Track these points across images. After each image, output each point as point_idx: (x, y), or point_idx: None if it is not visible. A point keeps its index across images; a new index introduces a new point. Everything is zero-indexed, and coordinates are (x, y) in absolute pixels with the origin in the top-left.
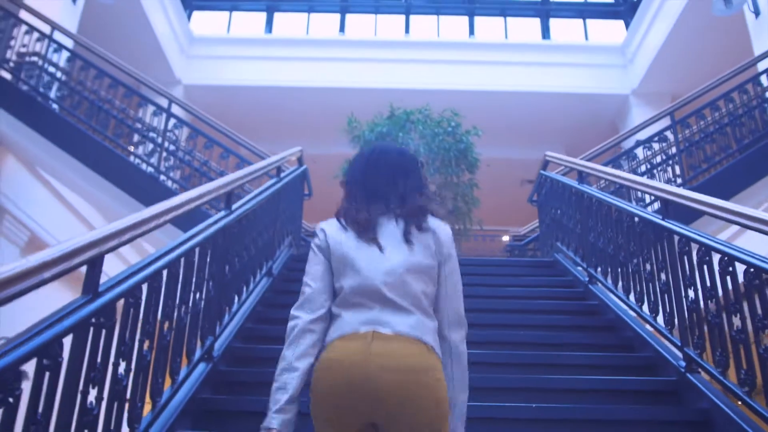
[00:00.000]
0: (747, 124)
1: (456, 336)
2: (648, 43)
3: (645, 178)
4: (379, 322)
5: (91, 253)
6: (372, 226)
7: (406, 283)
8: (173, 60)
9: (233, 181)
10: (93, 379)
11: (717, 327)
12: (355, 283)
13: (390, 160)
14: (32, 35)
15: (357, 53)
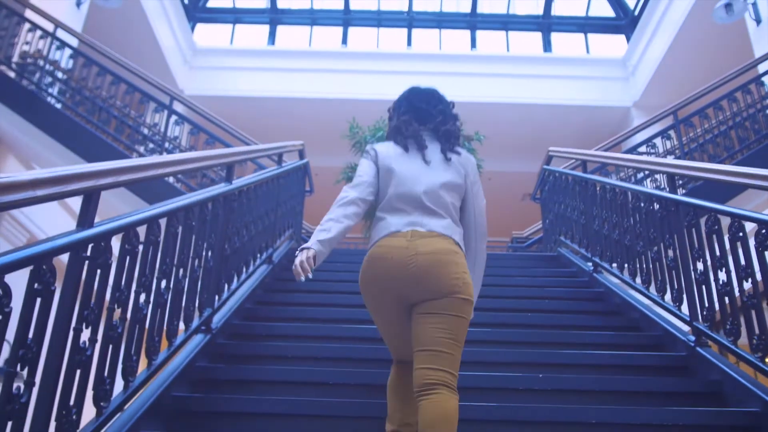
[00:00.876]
0: (750, 125)
1: (481, 245)
2: (649, 56)
3: (646, 157)
4: (418, 223)
5: (86, 183)
6: (420, 136)
7: (441, 196)
8: (176, 71)
9: (234, 153)
10: (86, 317)
11: (728, 295)
12: (399, 191)
13: (428, 90)
14: (35, 33)
15: (359, 65)
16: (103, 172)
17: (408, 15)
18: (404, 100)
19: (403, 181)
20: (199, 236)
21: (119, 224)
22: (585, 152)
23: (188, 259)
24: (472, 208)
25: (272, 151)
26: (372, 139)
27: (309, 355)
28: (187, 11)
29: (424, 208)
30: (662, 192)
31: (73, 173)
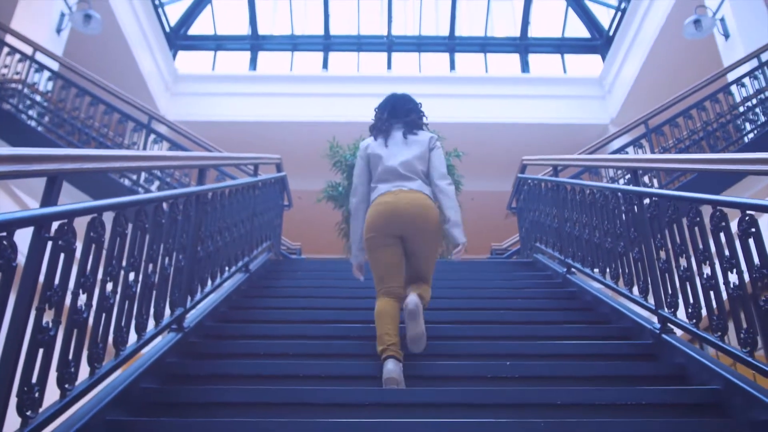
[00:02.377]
0: (721, 134)
1: (441, 182)
2: (624, 74)
3: (615, 155)
4: (399, 185)
5: (49, 165)
6: (389, 131)
7: (412, 164)
8: (158, 97)
9: (206, 157)
10: (49, 298)
11: (688, 280)
12: (384, 168)
13: (402, 94)
14: (14, 56)
15: (340, 88)
16: (67, 157)
17: (387, 39)
18: (384, 102)
19: (384, 161)
20: (170, 234)
21: (86, 206)
22: (555, 157)
23: (158, 255)
24: (433, 166)
25: (246, 161)
26: (352, 158)
27: (281, 352)
28: (168, 39)
29: (400, 175)
30: (624, 186)
31: (37, 154)
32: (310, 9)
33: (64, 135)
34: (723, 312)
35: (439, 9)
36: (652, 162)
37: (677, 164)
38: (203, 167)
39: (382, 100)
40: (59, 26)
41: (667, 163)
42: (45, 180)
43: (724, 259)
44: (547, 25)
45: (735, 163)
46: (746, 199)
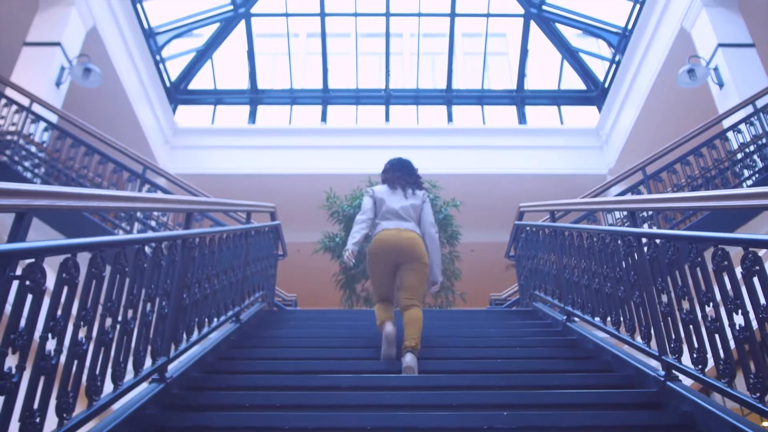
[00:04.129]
0: (720, 182)
1: (431, 229)
2: (621, 124)
3: (612, 197)
4: (398, 224)
5: (18, 200)
6: (397, 185)
7: (409, 211)
8: (157, 150)
9: (194, 201)
10: (13, 342)
11: (691, 323)
12: (387, 209)
13: (405, 161)
14: (11, 108)
15: (338, 141)
16: (38, 193)
17: (386, 92)
18: (392, 164)
19: (388, 204)
20: (152, 279)
21: (58, 244)
22: (553, 203)
23: (139, 301)
24: (424, 216)
25: (239, 208)
26: (349, 208)
27: (267, 403)
28: (168, 93)
29: (400, 217)
30: (622, 227)
31: (5, 188)
32: (309, 63)
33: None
34: (730, 356)
35: (436, 63)
36: (650, 202)
37: (677, 203)
38: (190, 211)
39: (394, 159)
40: (59, 79)
41: (667, 203)
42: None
43: (729, 299)
44: (543, 78)
45: (736, 199)
46: (748, 234)
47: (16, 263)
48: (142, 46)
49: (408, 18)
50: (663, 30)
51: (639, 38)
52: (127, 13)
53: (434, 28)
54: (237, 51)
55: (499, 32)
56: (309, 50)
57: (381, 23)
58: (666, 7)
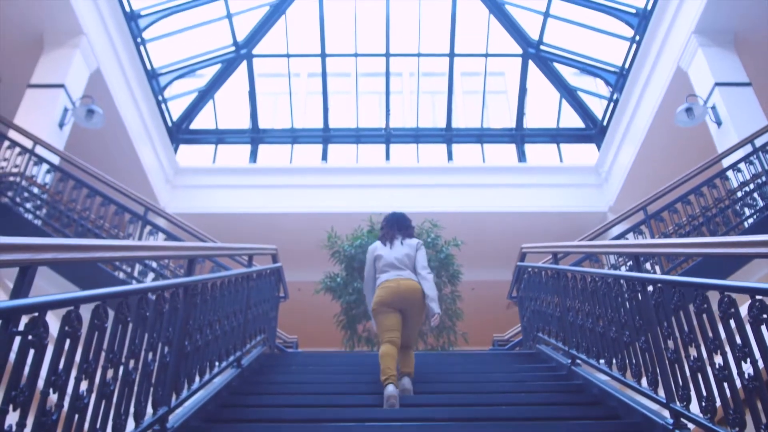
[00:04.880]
0: (721, 220)
1: (423, 271)
2: (620, 162)
3: (615, 241)
4: (398, 274)
5: (22, 255)
6: (392, 239)
7: (404, 260)
8: (158, 189)
9: (196, 247)
10: (14, 399)
11: (699, 371)
12: (385, 262)
13: (398, 215)
14: (14, 150)
15: (339, 180)
16: (42, 246)
17: (386, 131)
18: (387, 220)
19: (385, 258)
20: (154, 327)
21: (61, 298)
22: (556, 244)
23: (140, 351)
24: (417, 261)
25: (241, 252)
26: (350, 248)
27: None
28: (170, 133)
29: (396, 267)
30: (626, 272)
31: (8, 243)
32: (309, 102)
33: (59, 227)
34: (739, 405)
35: (436, 101)
36: (653, 247)
37: (678, 248)
38: (193, 257)
39: (389, 215)
40: (62, 120)
41: (668, 248)
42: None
43: (736, 347)
44: (542, 115)
45: (740, 246)
46: (755, 283)
47: (19, 318)
48: (144, 86)
49: (408, 57)
50: (660, 69)
51: (636, 77)
52: (130, 54)
53: (434, 68)
54: (238, 91)
55: (498, 71)
56: (310, 89)
57: (381, 63)
58: (662, 47)
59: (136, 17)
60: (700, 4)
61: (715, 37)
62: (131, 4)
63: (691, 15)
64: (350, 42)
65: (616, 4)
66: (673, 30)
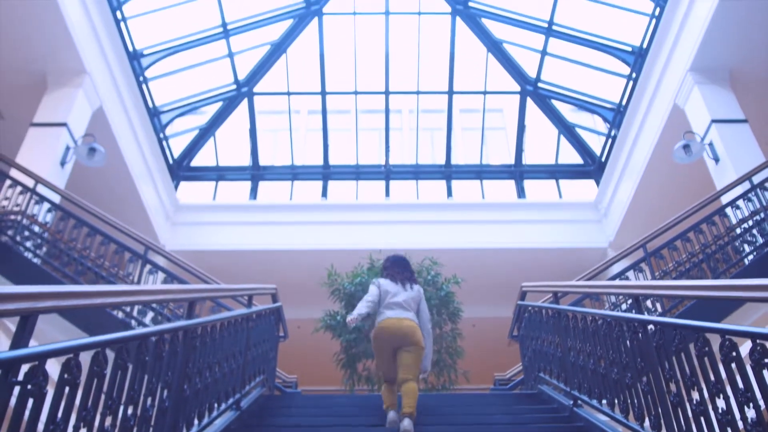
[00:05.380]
0: (721, 256)
1: (427, 325)
2: (619, 198)
3: (616, 281)
4: (400, 314)
5: (23, 304)
6: (403, 281)
7: (409, 303)
8: (158, 226)
9: (196, 289)
10: None
11: (702, 415)
12: (389, 299)
13: (403, 259)
14: (16, 189)
15: (339, 216)
16: (42, 295)
17: (385, 168)
18: (392, 261)
19: (391, 296)
20: (153, 372)
21: (60, 347)
22: (556, 284)
23: (139, 396)
24: (421, 310)
25: (241, 292)
26: (350, 286)
27: None
28: (171, 170)
29: (402, 307)
30: (627, 314)
31: (8, 292)
32: (310, 139)
33: (59, 266)
34: None
35: (435, 138)
36: (653, 289)
37: (677, 291)
38: (193, 300)
39: (392, 257)
40: (64, 159)
41: (667, 290)
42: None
43: (739, 392)
44: (540, 151)
45: (736, 290)
46: (757, 328)
47: (19, 368)
48: (146, 124)
49: (407, 95)
50: (657, 106)
51: (633, 114)
52: (133, 92)
53: (433, 105)
54: (239, 128)
55: (497, 107)
56: (310, 126)
57: (381, 100)
58: (659, 85)
59: (138, 56)
60: (695, 43)
61: (711, 75)
62: (134, 44)
63: (687, 53)
64: (350, 79)
65: (612, 42)
66: (669, 68)
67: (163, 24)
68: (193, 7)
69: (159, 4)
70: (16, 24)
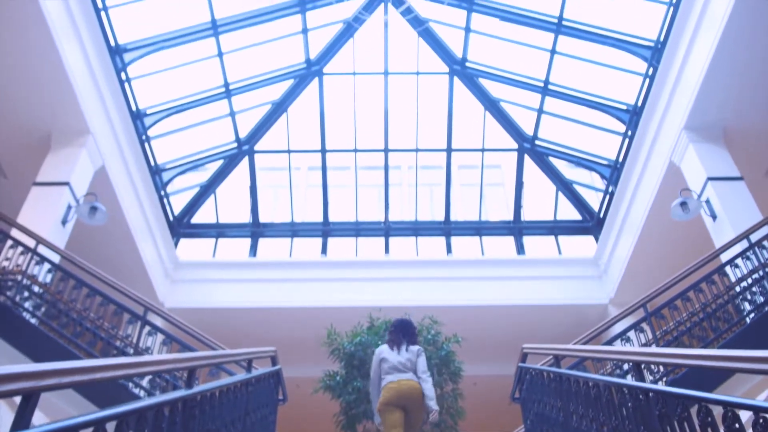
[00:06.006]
0: (721, 314)
1: (423, 375)
2: (618, 254)
3: (617, 347)
4: (400, 376)
5: (25, 384)
6: (399, 345)
7: (406, 364)
8: (157, 284)
9: (196, 357)
10: None
11: None
12: (389, 365)
13: (406, 322)
14: (17, 249)
15: (338, 273)
16: (44, 373)
17: (385, 225)
18: (395, 326)
19: (390, 361)
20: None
21: (57, 427)
22: (557, 347)
23: None
24: (418, 365)
25: (240, 357)
26: (350, 345)
27: None
28: (171, 227)
29: (399, 370)
30: (628, 381)
31: (10, 373)
32: (309, 195)
33: (57, 327)
34: None
35: (434, 193)
36: (653, 356)
37: (678, 359)
38: (193, 368)
39: (397, 321)
40: (65, 218)
41: (669, 358)
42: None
43: None
44: (539, 207)
45: (734, 361)
46: (761, 402)
47: None
48: (147, 182)
49: (406, 152)
50: (653, 163)
51: (630, 171)
52: (135, 151)
53: (432, 161)
54: (240, 185)
55: (495, 164)
56: (310, 182)
57: (380, 157)
58: (654, 143)
59: (141, 116)
60: (688, 102)
61: (705, 133)
62: (137, 103)
63: (681, 112)
64: (350, 137)
65: (607, 100)
66: (664, 126)
67: (167, 83)
68: (196, 68)
69: (163, 64)
70: (22, 84)
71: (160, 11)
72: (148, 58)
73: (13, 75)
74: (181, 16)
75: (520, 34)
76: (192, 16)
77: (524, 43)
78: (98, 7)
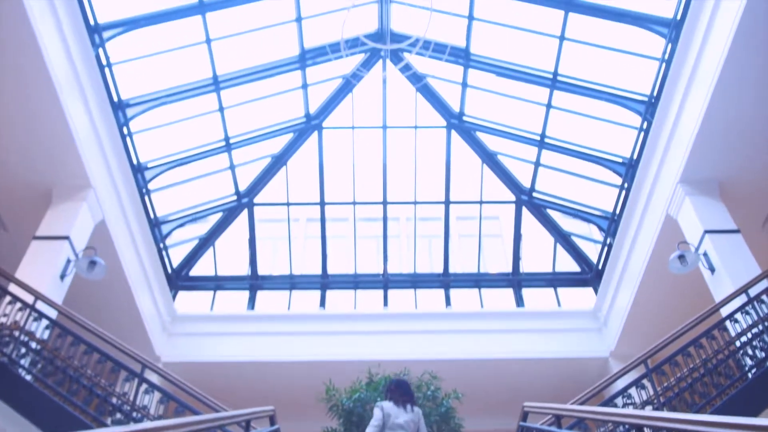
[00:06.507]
0: (723, 370)
1: None
2: (618, 306)
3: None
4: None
5: None
6: (404, 404)
7: (409, 423)
8: (155, 337)
9: (195, 422)
10: None
11: None
12: (394, 422)
13: (405, 383)
14: (15, 305)
15: (337, 326)
16: None
17: (384, 277)
18: (396, 384)
19: (394, 418)
20: None
21: None
22: (558, 406)
23: None
24: (420, 428)
25: (239, 419)
26: (348, 401)
27: None
28: (169, 280)
29: (402, 428)
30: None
31: None
32: (308, 247)
33: (53, 385)
34: None
35: (433, 245)
36: (655, 420)
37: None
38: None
39: (395, 381)
40: (64, 272)
41: (670, 423)
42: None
43: None
44: (538, 259)
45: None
46: None
47: None
48: (146, 235)
49: (405, 205)
50: (650, 216)
51: (628, 223)
52: (135, 204)
53: (430, 213)
54: (238, 237)
55: (493, 215)
56: (308, 234)
57: (378, 209)
58: (651, 196)
59: (142, 169)
60: (683, 156)
61: (701, 186)
62: (138, 157)
63: (676, 165)
64: (349, 189)
65: (603, 153)
66: (660, 179)
67: (168, 137)
68: (198, 122)
69: (165, 118)
70: (25, 138)
71: (163, 67)
72: (150, 112)
73: (16, 129)
74: (183, 72)
75: (516, 88)
76: (194, 71)
77: (520, 98)
78: (102, 63)
